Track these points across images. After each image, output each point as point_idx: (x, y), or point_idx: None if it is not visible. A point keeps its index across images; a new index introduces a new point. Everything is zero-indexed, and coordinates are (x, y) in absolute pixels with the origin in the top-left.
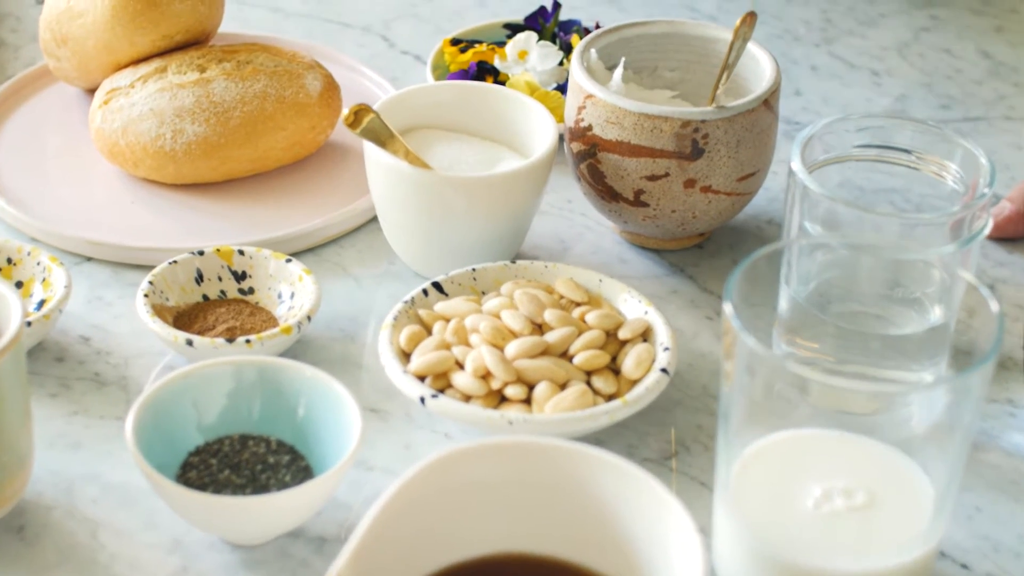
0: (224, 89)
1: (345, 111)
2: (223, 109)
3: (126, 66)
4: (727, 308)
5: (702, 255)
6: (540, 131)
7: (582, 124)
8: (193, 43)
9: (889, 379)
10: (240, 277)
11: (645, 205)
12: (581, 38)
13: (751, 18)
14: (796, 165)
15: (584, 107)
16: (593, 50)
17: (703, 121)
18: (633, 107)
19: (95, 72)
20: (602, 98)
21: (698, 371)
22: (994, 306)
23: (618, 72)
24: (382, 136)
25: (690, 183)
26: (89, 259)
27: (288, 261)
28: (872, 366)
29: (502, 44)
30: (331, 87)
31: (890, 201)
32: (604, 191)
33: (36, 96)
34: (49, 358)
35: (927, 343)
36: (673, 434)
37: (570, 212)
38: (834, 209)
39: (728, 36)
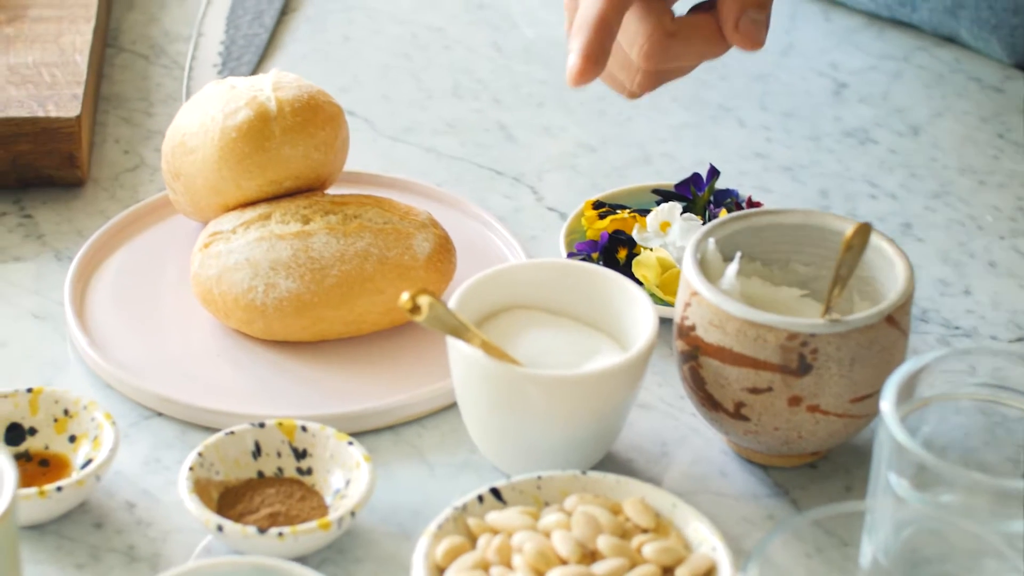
0: (324, 244)
1: (404, 296)
2: (320, 266)
3: (233, 208)
4: None
5: (813, 476)
6: (642, 323)
7: (686, 323)
8: (306, 190)
9: None
10: (300, 455)
11: (746, 419)
12: (730, 213)
13: (864, 229)
14: (887, 406)
15: (690, 304)
16: (711, 240)
17: (812, 335)
18: (737, 311)
19: (206, 210)
20: (706, 297)
21: None
22: None
23: (731, 268)
24: (450, 324)
25: (795, 400)
26: (160, 414)
27: (350, 444)
28: None
29: (647, 212)
30: (443, 249)
31: None
32: (704, 398)
33: (158, 224)
34: (88, 523)
35: None
36: None
37: (679, 411)
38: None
39: (878, 236)
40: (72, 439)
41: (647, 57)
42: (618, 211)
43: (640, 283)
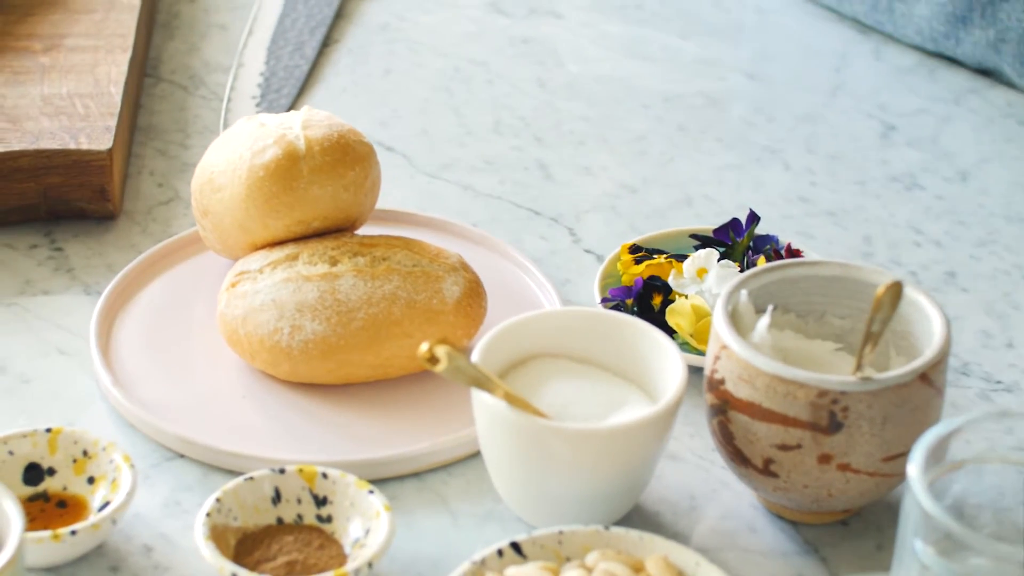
0: (351, 287)
1: (423, 347)
2: (346, 309)
3: (261, 247)
4: None
5: (845, 534)
6: (671, 374)
7: (716, 376)
8: (335, 230)
9: None
10: (321, 502)
11: (774, 476)
12: (769, 260)
13: (895, 287)
14: (914, 471)
15: (719, 358)
16: (744, 291)
17: (843, 392)
18: (766, 366)
19: (234, 248)
20: (736, 351)
21: None
22: None
23: (763, 321)
24: (471, 375)
25: (825, 458)
26: (181, 456)
27: (371, 492)
28: None
29: (685, 257)
30: (473, 293)
31: None
32: (733, 453)
33: (189, 260)
34: (104, 566)
35: None
36: None
37: (710, 464)
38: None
39: (915, 291)
40: (91, 480)
41: None
42: (655, 256)
43: (674, 331)
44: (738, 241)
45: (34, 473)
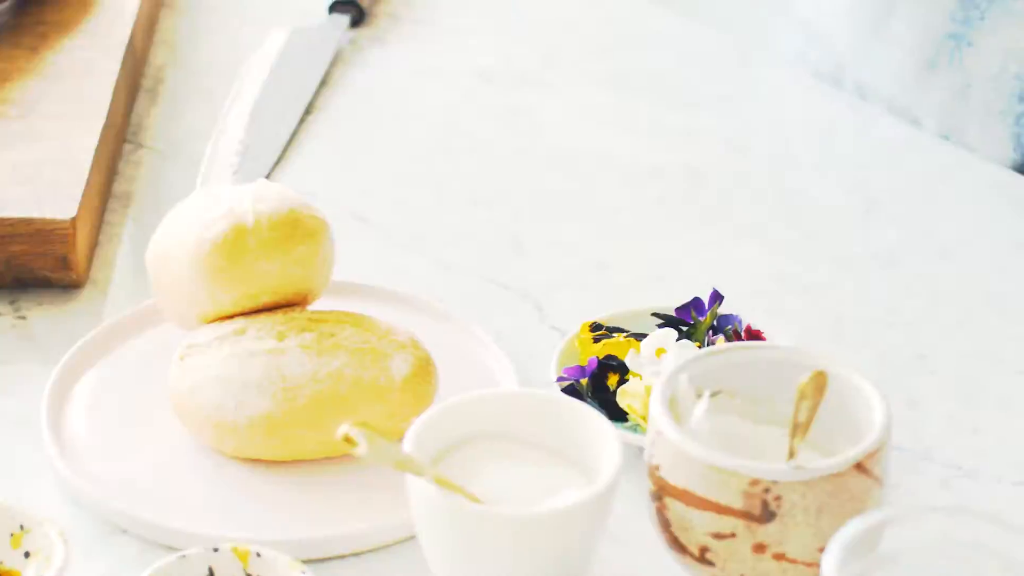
0: (297, 363)
1: (344, 427)
2: (292, 385)
3: (212, 321)
4: None
5: None
6: (608, 459)
7: (652, 461)
8: (286, 305)
9: None
10: None
11: (711, 564)
12: (728, 341)
13: (819, 379)
14: (829, 566)
15: (655, 443)
16: (684, 375)
17: (775, 481)
18: (697, 454)
19: (188, 320)
20: (669, 437)
21: None
22: None
23: (700, 407)
24: (395, 458)
25: (760, 547)
26: (124, 531)
27: (303, 573)
28: None
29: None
30: (422, 372)
31: None
32: (671, 540)
33: (151, 331)
34: None
35: None
36: None
37: (661, 548)
38: None
39: (860, 378)
40: (27, 555)
41: None
42: (614, 335)
43: (626, 413)
44: (700, 320)
45: None
